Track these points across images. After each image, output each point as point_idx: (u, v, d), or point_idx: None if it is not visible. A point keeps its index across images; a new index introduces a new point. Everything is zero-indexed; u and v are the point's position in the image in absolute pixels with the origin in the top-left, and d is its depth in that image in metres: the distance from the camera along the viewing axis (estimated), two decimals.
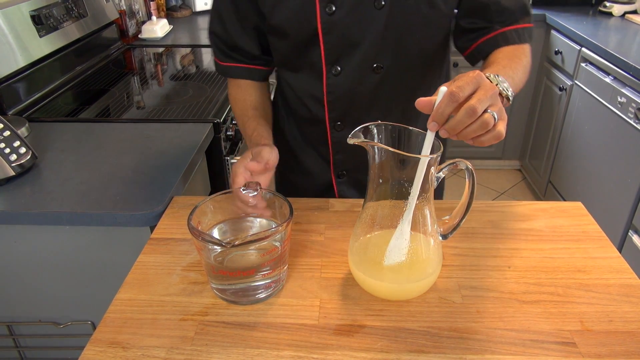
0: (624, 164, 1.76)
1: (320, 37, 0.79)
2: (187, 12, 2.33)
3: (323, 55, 0.81)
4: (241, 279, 0.61)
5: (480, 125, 0.54)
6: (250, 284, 0.62)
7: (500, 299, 0.62)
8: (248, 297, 0.63)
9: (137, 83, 1.54)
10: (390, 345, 0.56)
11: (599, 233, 0.74)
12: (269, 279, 0.62)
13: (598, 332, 0.57)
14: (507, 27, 0.79)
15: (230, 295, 0.62)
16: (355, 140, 0.57)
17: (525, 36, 0.80)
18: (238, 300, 0.63)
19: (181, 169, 0.95)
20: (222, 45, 0.90)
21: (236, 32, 0.87)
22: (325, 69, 0.82)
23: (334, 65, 0.82)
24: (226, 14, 0.86)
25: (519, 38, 0.79)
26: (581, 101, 2.05)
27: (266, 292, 0.63)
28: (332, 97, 0.85)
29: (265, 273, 0.61)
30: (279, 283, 0.64)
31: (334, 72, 0.83)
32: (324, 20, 0.77)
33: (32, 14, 1.36)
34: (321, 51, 0.81)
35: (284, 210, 0.64)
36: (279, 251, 0.61)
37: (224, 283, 0.62)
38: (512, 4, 0.78)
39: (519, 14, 0.79)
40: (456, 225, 0.62)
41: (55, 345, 1.02)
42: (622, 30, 2.12)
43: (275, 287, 0.64)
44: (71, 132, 1.14)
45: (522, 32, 0.80)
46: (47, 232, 0.88)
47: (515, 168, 2.82)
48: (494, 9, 0.78)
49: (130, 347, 0.56)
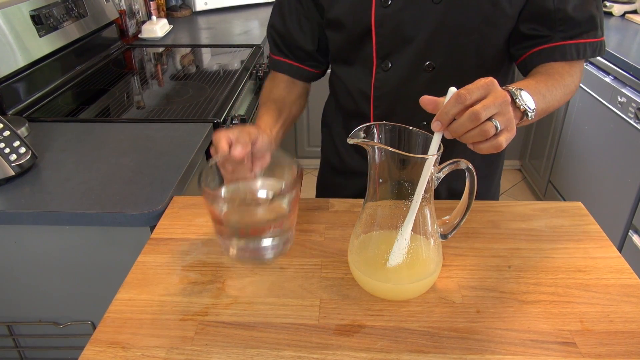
0: (624, 164, 1.76)
1: (372, 30, 0.78)
2: (187, 12, 2.32)
3: (375, 49, 0.80)
4: (249, 237, 0.61)
5: (479, 133, 0.53)
6: (259, 243, 0.62)
7: (501, 299, 0.62)
8: (255, 256, 0.62)
9: (137, 83, 1.54)
10: (390, 345, 0.56)
11: (599, 233, 0.74)
12: (276, 241, 0.62)
13: (598, 332, 0.57)
14: (568, 41, 0.74)
15: (240, 253, 0.62)
16: (356, 140, 0.57)
17: (587, 52, 0.75)
18: (245, 258, 0.63)
19: (181, 168, 0.95)
20: (278, 40, 0.91)
21: (294, 28, 0.88)
22: (375, 64, 0.81)
23: (384, 60, 0.80)
24: (288, 9, 0.88)
25: (577, 54, 0.74)
26: (581, 101, 2.05)
27: (273, 252, 0.63)
28: (378, 92, 0.84)
29: (273, 233, 0.61)
30: (287, 244, 0.65)
31: (384, 68, 0.81)
32: (378, 12, 0.76)
33: (32, 13, 1.36)
34: (373, 45, 0.79)
35: (282, 168, 0.65)
36: (287, 210, 0.61)
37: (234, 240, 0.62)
38: (579, 15, 0.73)
39: (585, 26, 0.74)
40: (456, 225, 0.62)
41: (55, 345, 1.02)
42: (622, 30, 2.12)
43: (283, 247, 0.64)
44: (71, 132, 1.14)
45: (585, 47, 0.74)
46: (47, 232, 0.87)
47: (515, 168, 2.82)
48: (559, 16, 0.73)
49: (130, 347, 0.56)
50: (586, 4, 0.73)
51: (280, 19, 0.90)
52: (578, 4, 0.73)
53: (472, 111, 0.52)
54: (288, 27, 0.89)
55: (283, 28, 0.90)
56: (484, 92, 0.53)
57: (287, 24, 0.89)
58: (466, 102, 0.52)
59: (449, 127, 0.54)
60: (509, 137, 0.55)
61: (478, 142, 0.55)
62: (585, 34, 0.74)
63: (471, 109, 0.52)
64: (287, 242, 0.65)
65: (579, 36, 0.74)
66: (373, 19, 0.77)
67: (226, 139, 0.67)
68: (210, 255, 0.71)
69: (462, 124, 0.53)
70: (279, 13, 0.90)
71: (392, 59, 0.80)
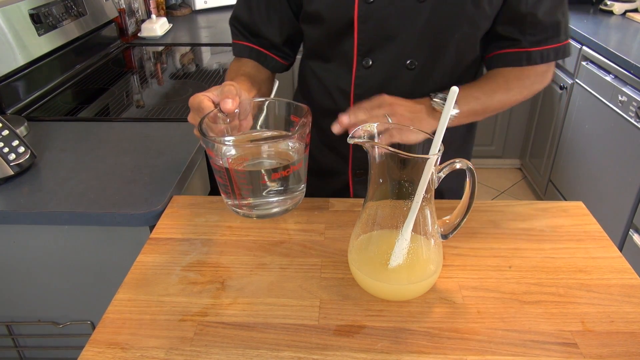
0: (624, 163, 1.75)
1: (355, 26, 0.77)
2: (186, 11, 2.32)
3: (355, 46, 0.79)
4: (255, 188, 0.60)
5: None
6: (266, 196, 0.60)
7: (501, 300, 0.62)
8: (262, 211, 0.61)
9: (136, 82, 1.53)
10: (391, 346, 0.56)
11: (600, 233, 0.74)
12: (283, 195, 0.61)
13: (599, 333, 0.57)
14: (534, 47, 0.79)
15: (247, 209, 0.61)
16: (356, 140, 0.56)
17: (551, 56, 0.80)
18: (252, 214, 0.62)
19: (180, 168, 0.94)
20: (243, 30, 0.89)
21: (261, 18, 0.86)
22: (356, 61, 0.80)
23: (365, 57, 0.80)
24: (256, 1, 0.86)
25: (541, 58, 0.80)
26: (582, 100, 2.04)
27: (279, 207, 0.61)
28: (359, 90, 0.83)
29: (281, 184, 0.60)
30: (295, 200, 0.63)
31: (365, 65, 0.80)
32: (361, 7, 0.75)
33: (31, 12, 1.36)
34: (354, 41, 0.78)
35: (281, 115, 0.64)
36: (295, 157, 0.60)
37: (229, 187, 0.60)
38: (547, 20, 0.78)
39: (550, 31, 0.79)
40: (457, 225, 0.62)
41: (54, 345, 1.02)
42: (623, 28, 2.11)
43: (291, 202, 0.63)
44: (70, 131, 1.13)
45: (548, 52, 0.80)
46: (46, 231, 0.87)
47: (515, 167, 2.82)
48: (529, 20, 0.77)
49: (129, 347, 0.56)
50: (554, 10, 0.78)
51: (246, 10, 0.87)
52: (547, 10, 0.77)
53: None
54: (254, 19, 0.86)
55: (249, 19, 0.87)
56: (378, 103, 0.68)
57: (254, 15, 0.86)
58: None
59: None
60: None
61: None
62: (550, 39, 0.79)
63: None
64: (295, 198, 0.62)
65: (544, 42, 0.79)
66: (356, 14, 0.76)
67: (207, 99, 0.65)
68: (209, 255, 0.71)
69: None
70: (246, 4, 0.87)
71: (373, 56, 0.80)
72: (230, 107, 0.62)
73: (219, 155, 0.59)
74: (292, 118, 0.67)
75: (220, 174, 0.60)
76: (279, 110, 0.68)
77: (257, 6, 0.86)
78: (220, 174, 0.60)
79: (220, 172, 0.60)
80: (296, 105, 0.65)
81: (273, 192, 0.60)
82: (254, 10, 0.86)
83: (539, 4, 0.76)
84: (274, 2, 0.85)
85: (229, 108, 0.62)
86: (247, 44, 0.89)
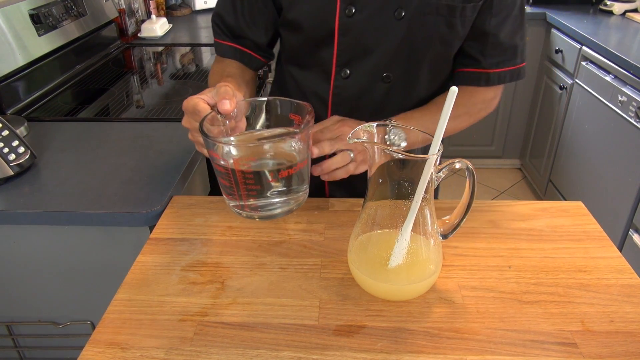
0: (624, 163, 1.75)
1: (335, 38, 0.78)
2: (186, 11, 2.32)
3: (335, 56, 0.80)
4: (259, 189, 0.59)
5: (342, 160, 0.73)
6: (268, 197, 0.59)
7: (501, 299, 0.62)
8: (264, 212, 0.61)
9: (136, 82, 1.53)
10: (390, 346, 0.56)
11: (600, 233, 0.74)
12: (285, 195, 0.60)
13: (599, 333, 0.57)
14: (493, 69, 0.84)
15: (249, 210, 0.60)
16: (356, 140, 0.56)
17: (507, 78, 0.85)
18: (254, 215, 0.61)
19: (180, 168, 0.95)
20: (227, 31, 0.87)
21: (245, 21, 0.85)
22: (334, 71, 0.82)
23: (343, 67, 0.81)
24: (240, 2, 0.84)
25: (498, 79, 0.85)
26: (582, 100, 2.04)
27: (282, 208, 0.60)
28: (337, 99, 0.85)
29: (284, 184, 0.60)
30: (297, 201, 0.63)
31: (343, 75, 0.82)
32: (342, 21, 0.76)
33: (31, 12, 1.36)
34: (334, 52, 0.80)
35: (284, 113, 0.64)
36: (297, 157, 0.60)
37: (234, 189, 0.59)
38: (506, 43, 0.82)
39: (507, 54, 0.83)
40: (456, 225, 0.62)
41: (54, 345, 1.02)
42: (623, 28, 2.11)
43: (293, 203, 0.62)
44: (70, 131, 1.13)
45: (505, 74, 0.84)
46: (46, 232, 0.87)
47: (515, 167, 2.82)
48: (491, 41, 0.81)
49: (129, 347, 0.56)
50: (513, 34, 0.82)
51: (231, 12, 0.85)
52: (508, 33, 0.81)
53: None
54: (239, 22, 0.85)
55: (234, 22, 0.86)
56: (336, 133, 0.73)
57: (239, 18, 0.85)
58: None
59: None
60: (359, 168, 0.75)
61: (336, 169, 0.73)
62: (507, 62, 0.84)
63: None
64: (298, 199, 0.61)
65: (502, 64, 0.84)
66: (337, 27, 0.77)
67: (202, 101, 0.64)
68: (209, 255, 0.71)
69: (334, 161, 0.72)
70: (231, 5, 0.85)
71: (351, 67, 0.81)
72: (228, 107, 0.61)
73: (223, 157, 0.58)
74: (291, 117, 0.67)
75: (224, 175, 0.59)
76: (280, 110, 0.67)
77: (241, 9, 0.85)
78: (224, 175, 0.59)
79: (225, 173, 0.59)
80: (297, 104, 0.64)
81: (277, 192, 0.59)
82: (239, 13, 0.85)
83: (501, 25, 0.80)
84: (260, 5, 0.84)
85: (227, 109, 0.61)
86: (231, 44, 0.88)
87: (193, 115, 0.64)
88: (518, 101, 2.56)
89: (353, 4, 0.75)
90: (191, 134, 0.68)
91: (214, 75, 0.88)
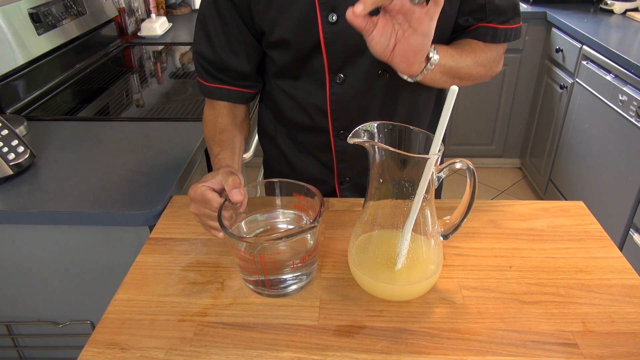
0: (624, 162, 1.75)
1: (322, 47, 0.77)
2: (186, 10, 2.32)
3: (326, 65, 0.79)
4: (273, 270, 0.61)
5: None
6: (282, 277, 0.62)
7: (502, 300, 0.62)
8: (278, 289, 0.63)
9: (136, 81, 1.53)
10: (391, 346, 0.56)
11: (601, 233, 0.74)
12: (299, 272, 0.62)
13: (600, 333, 0.57)
14: (500, 25, 0.81)
15: (261, 287, 0.63)
16: (356, 140, 0.56)
17: (511, 36, 0.82)
18: (265, 292, 0.63)
19: (180, 168, 0.94)
20: (209, 67, 0.85)
21: (225, 53, 0.83)
22: (328, 78, 0.81)
23: (337, 73, 0.80)
24: (214, 33, 0.82)
25: (505, 37, 0.82)
26: (582, 99, 2.04)
27: (296, 285, 0.63)
28: (335, 106, 0.83)
29: (297, 266, 0.62)
30: (309, 276, 0.65)
31: (338, 81, 0.81)
32: (326, 29, 0.76)
33: (30, 11, 1.36)
34: (324, 60, 0.79)
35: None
36: (310, 245, 0.62)
37: (255, 275, 0.62)
38: (504, 3, 0.80)
39: (510, 13, 0.81)
40: (457, 225, 0.62)
41: (54, 344, 1.02)
42: (623, 28, 2.11)
43: (306, 280, 0.64)
44: (70, 130, 1.13)
45: (510, 32, 0.82)
46: (46, 231, 0.87)
47: (515, 166, 2.82)
48: (489, 7, 0.79)
49: (129, 348, 0.56)
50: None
51: (208, 47, 0.83)
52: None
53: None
54: (219, 55, 0.83)
55: (213, 56, 0.84)
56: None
57: (218, 51, 0.83)
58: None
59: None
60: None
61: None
62: (512, 20, 0.81)
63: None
64: (311, 274, 0.65)
65: (507, 22, 0.81)
66: (322, 36, 0.76)
67: (209, 189, 0.66)
68: (209, 255, 0.70)
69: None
70: (206, 40, 0.83)
71: (345, 72, 0.80)
72: (240, 198, 0.64)
73: (246, 250, 0.61)
74: (295, 195, 0.67)
75: (246, 262, 0.62)
76: (286, 190, 0.68)
77: (218, 41, 0.82)
78: (246, 262, 0.62)
79: (249, 260, 0.61)
80: (307, 189, 0.65)
81: (296, 274, 0.63)
82: (217, 47, 0.83)
83: None
84: (235, 34, 0.82)
85: (239, 199, 0.64)
86: (216, 85, 0.86)
87: (202, 204, 0.66)
88: (518, 100, 2.56)
89: (334, 10, 0.74)
90: (199, 218, 0.69)
91: (208, 126, 0.87)
